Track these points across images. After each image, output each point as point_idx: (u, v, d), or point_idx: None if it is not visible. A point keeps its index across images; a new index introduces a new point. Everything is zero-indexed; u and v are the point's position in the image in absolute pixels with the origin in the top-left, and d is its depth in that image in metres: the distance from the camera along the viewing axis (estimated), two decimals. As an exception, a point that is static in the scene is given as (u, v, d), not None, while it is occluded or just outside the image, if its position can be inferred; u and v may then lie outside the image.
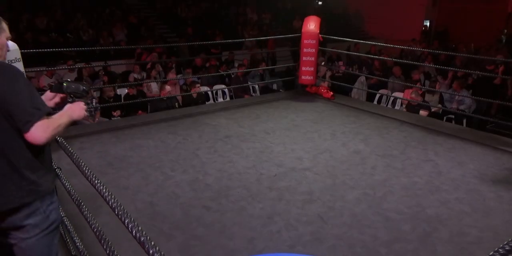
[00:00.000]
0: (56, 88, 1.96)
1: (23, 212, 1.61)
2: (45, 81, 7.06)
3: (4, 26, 1.71)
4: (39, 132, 1.54)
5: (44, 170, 1.69)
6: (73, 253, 2.45)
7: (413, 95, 6.51)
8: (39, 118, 1.54)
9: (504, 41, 13.53)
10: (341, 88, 7.55)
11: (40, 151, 1.66)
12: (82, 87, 1.94)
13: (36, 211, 1.63)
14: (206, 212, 3.10)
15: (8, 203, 1.58)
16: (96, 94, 6.71)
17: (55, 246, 1.78)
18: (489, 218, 3.07)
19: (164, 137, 4.70)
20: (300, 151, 4.33)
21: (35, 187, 1.62)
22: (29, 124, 1.53)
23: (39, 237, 1.66)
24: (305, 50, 6.34)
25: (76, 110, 1.80)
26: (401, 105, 7.08)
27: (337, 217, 3.04)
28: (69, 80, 2.02)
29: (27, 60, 4.05)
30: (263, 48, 12.44)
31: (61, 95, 1.95)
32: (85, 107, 1.87)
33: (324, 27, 8.73)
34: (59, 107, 1.89)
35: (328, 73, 8.64)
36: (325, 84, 7.49)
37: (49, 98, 1.94)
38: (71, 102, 1.88)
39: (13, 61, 3.63)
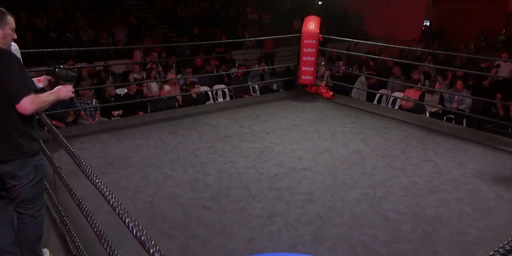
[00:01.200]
0: (49, 72, 2.41)
1: (14, 165, 2.08)
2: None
3: (9, 18, 2.17)
4: (27, 104, 1.99)
5: (30, 137, 2.15)
6: (73, 253, 2.45)
7: (403, 101, 6.57)
8: (27, 93, 2.00)
9: (482, 39, 13.57)
10: (341, 88, 7.55)
11: (27, 122, 2.12)
12: (71, 74, 2.39)
13: (25, 165, 2.11)
14: (206, 212, 3.10)
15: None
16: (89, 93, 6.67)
17: (42, 194, 2.31)
18: (489, 218, 3.07)
19: (164, 137, 4.70)
20: (300, 151, 4.33)
21: (22, 148, 2.09)
22: (20, 98, 1.99)
23: (28, 185, 2.14)
24: (305, 50, 6.34)
25: (63, 91, 2.29)
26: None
27: (337, 217, 3.04)
28: (61, 66, 2.42)
29: (27, 60, 4.06)
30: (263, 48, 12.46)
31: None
32: (72, 89, 2.35)
33: (324, 27, 8.74)
34: (53, 86, 2.41)
35: (327, 73, 8.63)
36: (323, 83, 7.49)
37: (48, 79, 2.47)
38: (62, 84, 2.35)
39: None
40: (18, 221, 2.25)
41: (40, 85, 2.41)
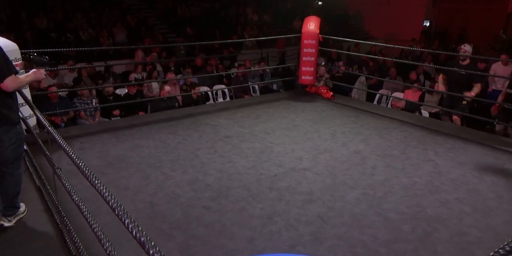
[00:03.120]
0: (25, 58, 2.96)
1: (0, 131, 2.55)
2: (46, 82, 7.02)
3: None
4: (9, 83, 2.50)
5: (12, 109, 2.63)
6: (73, 253, 2.45)
7: (393, 101, 6.58)
8: (9, 75, 2.50)
9: (462, 36, 13.64)
10: (341, 88, 7.55)
11: (10, 97, 2.62)
12: (43, 60, 2.93)
13: (9, 131, 2.59)
14: (206, 212, 3.10)
15: None
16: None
17: (20, 157, 2.78)
18: (489, 218, 3.07)
19: (164, 137, 4.70)
20: (300, 151, 4.33)
21: (6, 118, 2.58)
22: (2, 78, 2.49)
23: (10, 148, 2.62)
24: (305, 50, 6.34)
25: (37, 73, 2.83)
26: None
27: (337, 217, 3.04)
28: (35, 54, 2.94)
29: (27, 60, 4.06)
30: (263, 48, 12.45)
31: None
32: (44, 72, 2.91)
33: (324, 28, 8.72)
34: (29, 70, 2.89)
35: (325, 75, 8.61)
36: (320, 84, 7.49)
37: (24, 64, 3.10)
38: (36, 68, 2.85)
39: (13, 61, 3.63)
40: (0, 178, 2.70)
41: (17, 69, 2.82)
